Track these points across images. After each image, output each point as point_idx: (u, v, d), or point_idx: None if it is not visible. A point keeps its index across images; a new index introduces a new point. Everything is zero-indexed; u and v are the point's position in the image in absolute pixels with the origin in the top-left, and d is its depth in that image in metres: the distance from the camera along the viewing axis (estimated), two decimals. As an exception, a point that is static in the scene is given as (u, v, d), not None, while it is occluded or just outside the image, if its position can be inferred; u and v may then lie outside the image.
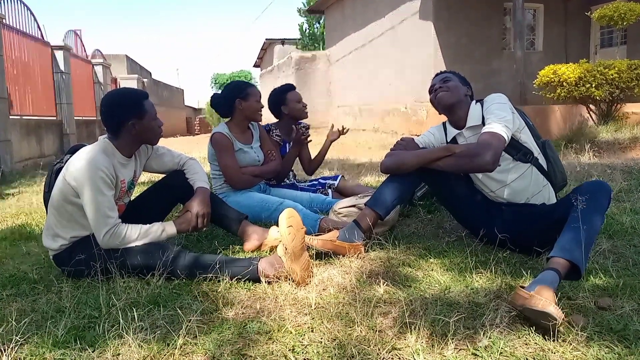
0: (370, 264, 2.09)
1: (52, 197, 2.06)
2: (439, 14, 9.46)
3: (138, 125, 2.07)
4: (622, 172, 3.84)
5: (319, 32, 20.69)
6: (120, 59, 18.10)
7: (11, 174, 6.18)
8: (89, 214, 1.97)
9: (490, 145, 1.98)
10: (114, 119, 2.06)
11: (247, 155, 2.93)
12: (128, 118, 2.05)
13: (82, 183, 1.94)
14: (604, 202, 1.81)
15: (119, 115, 2.06)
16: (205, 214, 2.20)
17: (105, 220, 1.96)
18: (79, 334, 1.54)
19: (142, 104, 2.09)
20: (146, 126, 2.09)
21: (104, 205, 1.96)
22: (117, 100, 2.11)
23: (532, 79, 7.54)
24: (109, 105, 2.10)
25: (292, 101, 3.30)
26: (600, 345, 1.39)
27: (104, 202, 1.96)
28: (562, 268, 1.62)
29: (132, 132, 2.07)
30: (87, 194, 1.94)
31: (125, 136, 2.08)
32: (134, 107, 2.07)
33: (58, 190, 2.02)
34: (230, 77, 30.47)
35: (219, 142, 2.84)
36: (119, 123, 2.05)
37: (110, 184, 1.99)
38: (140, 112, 2.07)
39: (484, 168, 2.02)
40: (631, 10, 6.95)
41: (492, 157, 1.96)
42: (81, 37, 12.17)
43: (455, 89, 2.26)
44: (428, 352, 1.38)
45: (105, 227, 1.96)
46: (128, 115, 2.05)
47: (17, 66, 7.71)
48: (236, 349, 1.42)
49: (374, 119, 12.04)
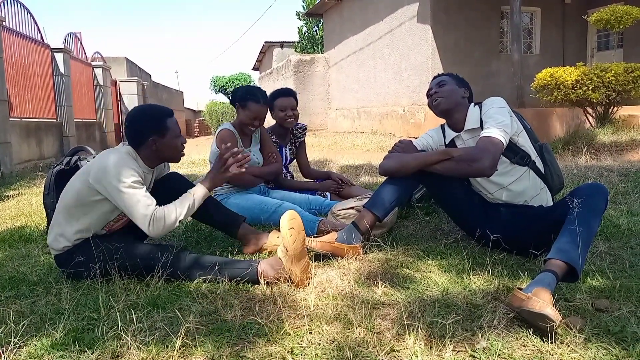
0: (368, 266, 2.09)
1: (64, 198, 2.04)
2: (437, 17, 9.49)
3: (159, 143, 2.07)
4: (619, 174, 3.86)
5: (317, 35, 20.72)
6: (120, 61, 18.10)
7: (11, 176, 6.17)
8: (129, 212, 1.96)
9: (488, 151, 1.99)
10: (136, 135, 2.07)
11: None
12: (149, 135, 2.05)
13: (111, 183, 1.92)
14: (600, 204, 1.82)
15: (140, 131, 2.07)
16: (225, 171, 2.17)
17: (145, 211, 1.94)
18: (78, 335, 1.54)
19: (164, 121, 2.09)
20: (167, 144, 2.09)
21: (141, 196, 1.94)
22: (140, 117, 2.11)
23: (530, 81, 7.57)
24: (132, 120, 2.11)
25: (276, 108, 3.24)
26: (598, 347, 1.39)
27: (138, 194, 1.94)
28: (560, 270, 1.63)
29: (153, 148, 2.08)
30: (120, 192, 1.92)
31: (146, 151, 2.09)
32: (156, 125, 2.07)
33: (75, 191, 2.01)
34: (229, 80, 30.46)
35: (225, 138, 2.86)
36: (140, 138, 2.06)
37: (141, 180, 1.99)
38: (162, 129, 2.07)
39: (482, 173, 2.03)
40: (628, 14, 6.99)
41: (490, 162, 1.98)
42: (81, 40, 12.17)
43: (450, 94, 2.27)
44: (426, 354, 1.39)
45: (146, 219, 1.95)
46: (149, 132, 2.05)
47: (17, 68, 7.71)
48: (235, 351, 1.42)
49: (372, 121, 12.06)
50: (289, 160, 3.48)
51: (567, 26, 10.49)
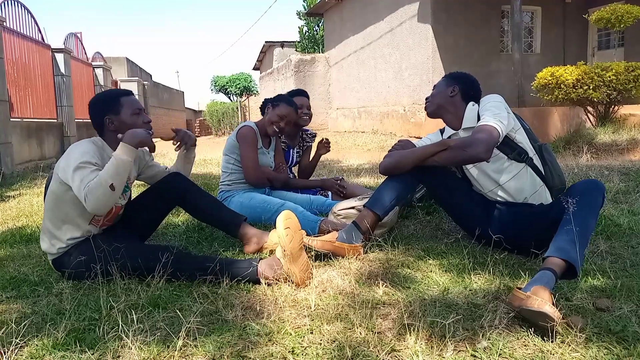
0: (369, 265, 2.09)
1: (46, 200, 2.07)
2: (437, 17, 9.48)
3: (116, 121, 2.10)
4: (620, 173, 3.85)
5: (318, 35, 20.72)
6: (121, 61, 18.13)
7: (12, 176, 6.18)
8: (77, 195, 1.91)
9: (483, 137, 2.03)
10: (93, 117, 2.13)
11: (264, 157, 3.03)
12: (103, 113, 2.10)
13: (68, 167, 1.93)
14: (597, 200, 1.82)
15: (96, 112, 2.12)
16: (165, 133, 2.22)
17: (81, 184, 1.89)
18: (79, 336, 1.54)
19: (117, 99, 2.12)
20: (124, 121, 2.10)
21: (85, 174, 1.90)
22: (94, 100, 2.17)
23: (530, 81, 7.57)
24: (90, 105, 2.16)
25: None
26: (599, 347, 1.39)
27: (83, 173, 1.91)
28: (558, 267, 1.63)
29: (111, 128, 2.11)
30: (71, 175, 1.91)
31: (108, 134, 2.12)
32: (109, 103, 2.11)
33: (51, 190, 2.04)
34: (230, 80, 30.50)
35: (246, 134, 2.91)
36: (98, 120, 2.11)
37: (93, 162, 1.95)
38: (116, 107, 2.10)
39: (478, 157, 2.05)
40: (628, 13, 6.98)
41: (485, 147, 2.00)
42: (82, 40, 12.18)
43: (435, 97, 2.35)
44: (427, 353, 1.38)
45: (81, 194, 1.89)
46: (104, 111, 2.10)
47: (18, 69, 7.72)
48: (236, 351, 1.42)
49: (373, 120, 12.06)
50: (295, 163, 3.50)
51: (568, 25, 10.48)
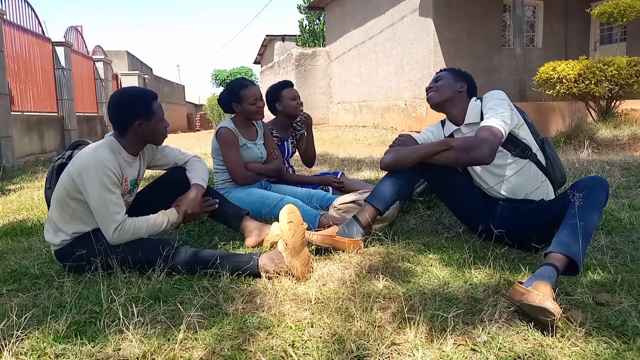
0: (369, 260, 2.09)
1: (55, 192, 2.06)
2: (439, 11, 9.44)
3: (145, 126, 2.06)
4: (621, 168, 3.85)
5: (319, 29, 20.66)
6: (121, 55, 18.07)
7: (12, 170, 6.19)
8: (96, 212, 1.97)
9: (487, 139, 2.00)
10: (121, 118, 2.05)
11: (251, 151, 2.94)
12: (135, 118, 2.04)
13: (87, 181, 1.93)
14: (601, 198, 1.81)
15: (127, 115, 2.04)
16: (193, 215, 2.24)
17: (113, 217, 1.97)
18: (79, 329, 1.55)
19: (150, 105, 2.08)
20: (153, 127, 2.08)
21: (112, 203, 1.96)
22: (126, 100, 2.09)
23: (532, 75, 7.54)
24: (118, 104, 2.08)
25: (287, 98, 3.27)
26: (599, 341, 1.39)
27: (111, 199, 1.96)
28: (560, 263, 1.63)
29: (139, 132, 2.07)
30: (94, 192, 1.93)
31: (131, 135, 2.08)
32: (143, 108, 2.06)
33: (62, 186, 2.02)
34: (230, 74, 30.44)
35: (224, 137, 2.84)
36: (127, 122, 2.04)
37: (117, 182, 2.00)
38: (148, 113, 2.06)
39: (481, 161, 2.04)
40: (631, 7, 6.95)
41: (488, 150, 1.99)
42: (82, 33, 12.15)
43: (444, 88, 2.29)
44: (427, 347, 1.39)
45: (113, 225, 1.96)
46: (136, 115, 2.04)
47: (18, 62, 7.71)
48: (236, 344, 1.43)
49: (374, 115, 12.04)
50: (291, 154, 3.48)
51: (569, 19, 10.42)
